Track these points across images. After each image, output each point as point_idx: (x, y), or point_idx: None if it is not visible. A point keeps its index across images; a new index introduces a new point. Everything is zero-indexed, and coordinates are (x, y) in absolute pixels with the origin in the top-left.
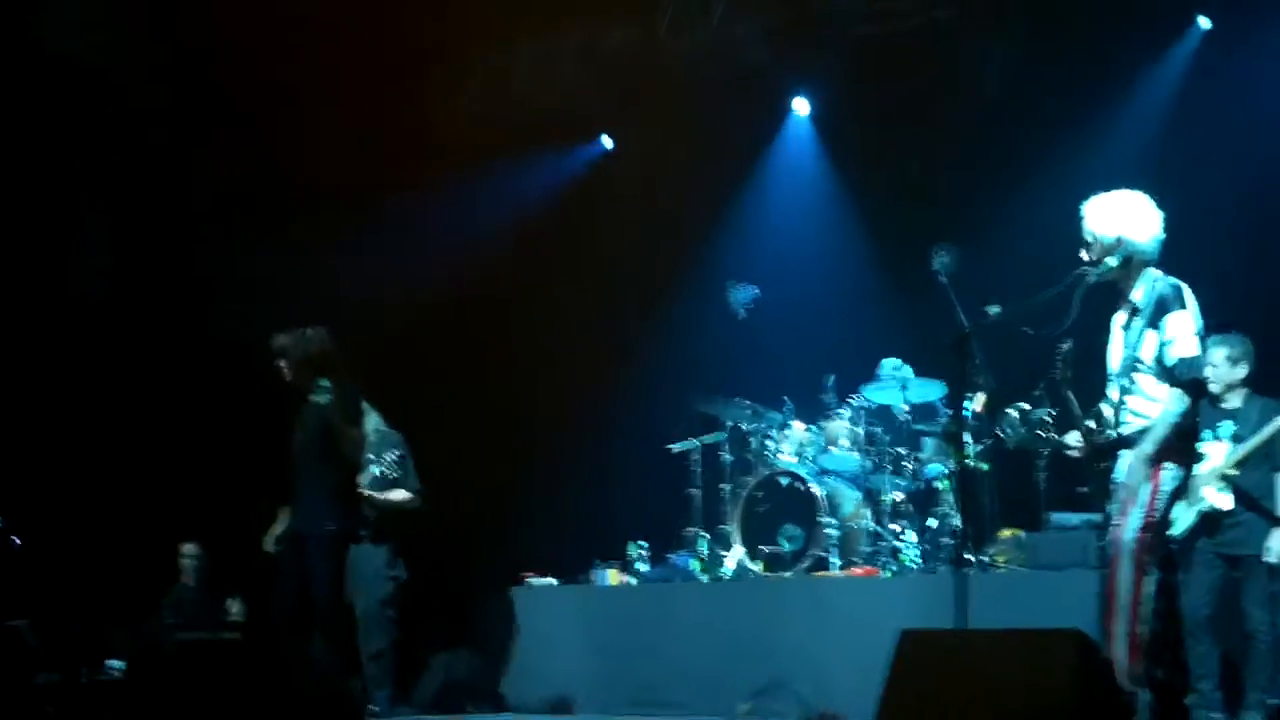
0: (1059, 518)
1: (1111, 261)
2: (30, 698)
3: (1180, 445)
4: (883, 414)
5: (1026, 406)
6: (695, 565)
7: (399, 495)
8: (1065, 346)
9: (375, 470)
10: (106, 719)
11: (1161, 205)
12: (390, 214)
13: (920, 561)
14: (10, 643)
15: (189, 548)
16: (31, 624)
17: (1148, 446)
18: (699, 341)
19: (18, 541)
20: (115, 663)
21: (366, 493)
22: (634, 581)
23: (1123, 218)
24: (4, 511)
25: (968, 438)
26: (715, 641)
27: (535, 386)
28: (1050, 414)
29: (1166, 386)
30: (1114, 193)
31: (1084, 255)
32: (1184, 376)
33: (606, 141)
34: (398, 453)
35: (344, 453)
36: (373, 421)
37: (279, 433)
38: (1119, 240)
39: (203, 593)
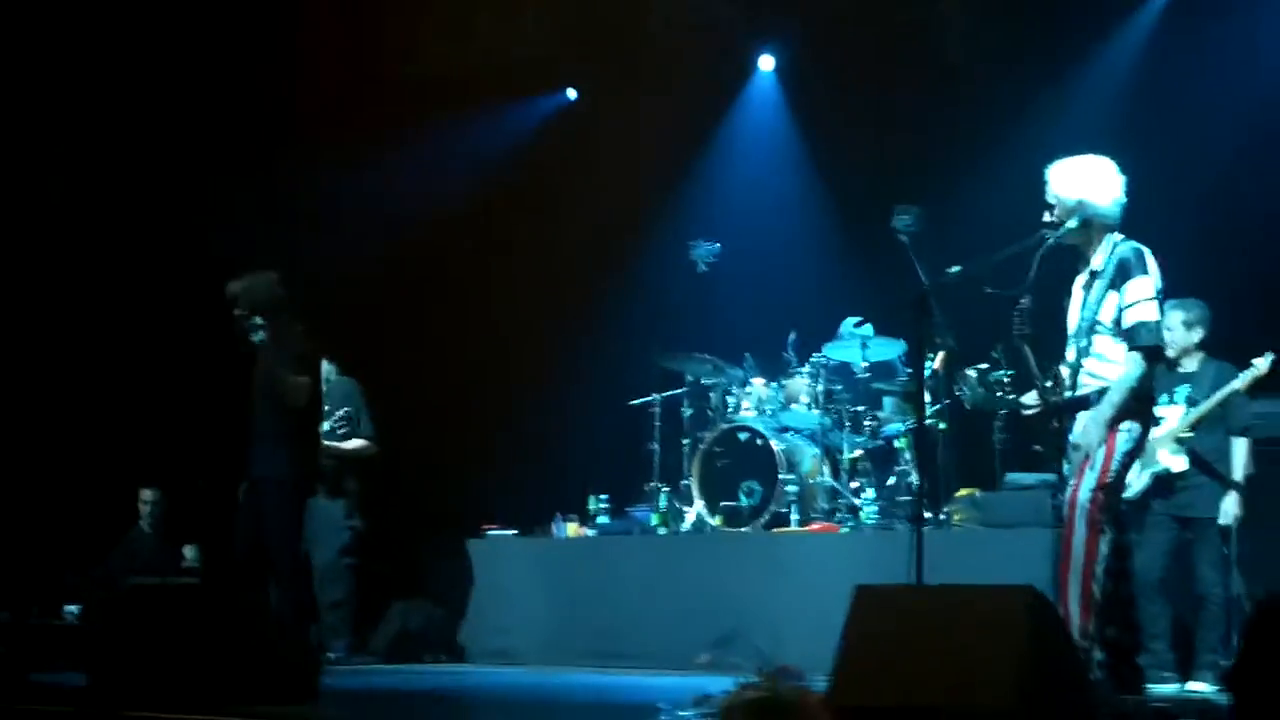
0: (1014, 477)
1: (1072, 224)
2: None
3: (1137, 408)
4: (842, 372)
5: (985, 366)
6: (655, 519)
7: (353, 444)
8: (1024, 302)
9: (325, 425)
10: (59, 660)
11: (1124, 170)
12: (353, 164)
13: (878, 518)
14: None
15: (147, 493)
16: None
17: (1105, 409)
18: (661, 296)
19: None
20: (71, 607)
21: (324, 442)
22: (593, 534)
23: (1085, 181)
24: None
25: (926, 397)
26: (673, 595)
27: (497, 339)
28: (1008, 375)
29: (1124, 349)
30: (1077, 157)
31: (1046, 217)
32: (1143, 341)
33: (571, 93)
34: (346, 409)
35: (284, 399)
36: (324, 370)
37: (243, 378)
38: (1080, 203)
39: (159, 539)
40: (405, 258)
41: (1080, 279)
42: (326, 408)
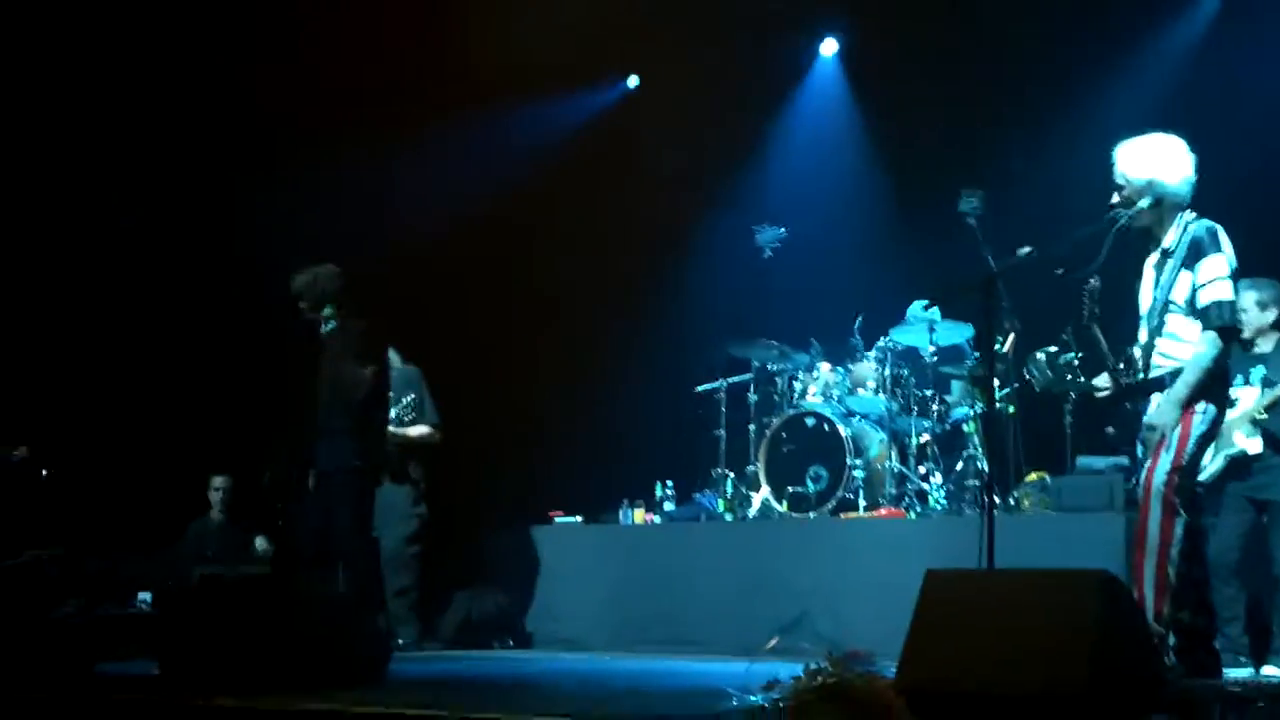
0: (1086, 461)
1: (1144, 203)
2: (49, 629)
3: (1212, 389)
4: (910, 356)
5: (1054, 349)
6: (721, 505)
7: (417, 431)
8: (1092, 283)
9: (391, 412)
10: (131, 649)
11: (1195, 148)
12: (419, 152)
13: (945, 504)
14: (33, 574)
15: (218, 480)
16: (55, 556)
17: (1180, 390)
18: (726, 282)
19: (44, 473)
20: (144, 595)
21: (390, 429)
22: (659, 521)
23: (1154, 160)
24: (31, 443)
25: (995, 380)
26: (740, 581)
27: (563, 327)
28: (1078, 357)
29: (1198, 328)
30: (1146, 135)
31: (1115, 198)
32: (1217, 321)
33: (632, 80)
34: (411, 395)
35: (349, 390)
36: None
37: (308, 369)
38: (1150, 182)
39: (229, 526)
40: (470, 245)
41: (1152, 259)
42: (391, 395)
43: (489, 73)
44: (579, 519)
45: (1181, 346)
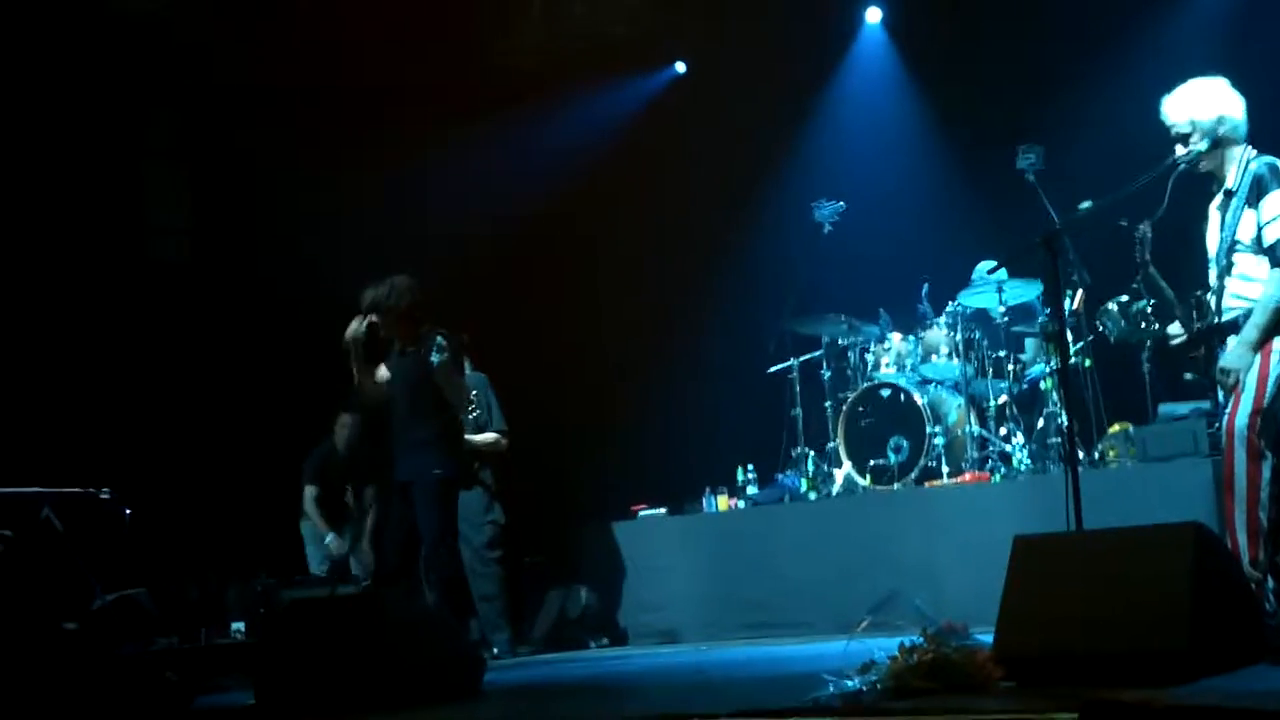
0: (1167, 408)
1: (1201, 146)
2: (150, 663)
3: None
4: (980, 318)
5: (1125, 299)
6: (804, 484)
7: (485, 437)
8: (1142, 229)
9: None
10: (230, 679)
11: (1242, 88)
12: (469, 147)
13: (1030, 463)
14: (128, 611)
15: (310, 489)
16: (149, 591)
17: (1250, 333)
18: (789, 260)
19: (128, 511)
20: (238, 625)
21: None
22: (743, 505)
23: (1203, 103)
24: (112, 482)
25: (1068, 335)
26: (828, 559)
27: (629, 321)
28: (1150, 304)
29: (1266, 266)
30: (1192, 81)
31: (1179, 150)
32: None
33: (679, 66)
34: (478, 401)
35: (450, 401)
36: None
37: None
38: (1197, 126)
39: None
40: (529, 241)
41: (1215, 201)
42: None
43: (537, 65)
44: (663, 511)
45: (1252, 286)
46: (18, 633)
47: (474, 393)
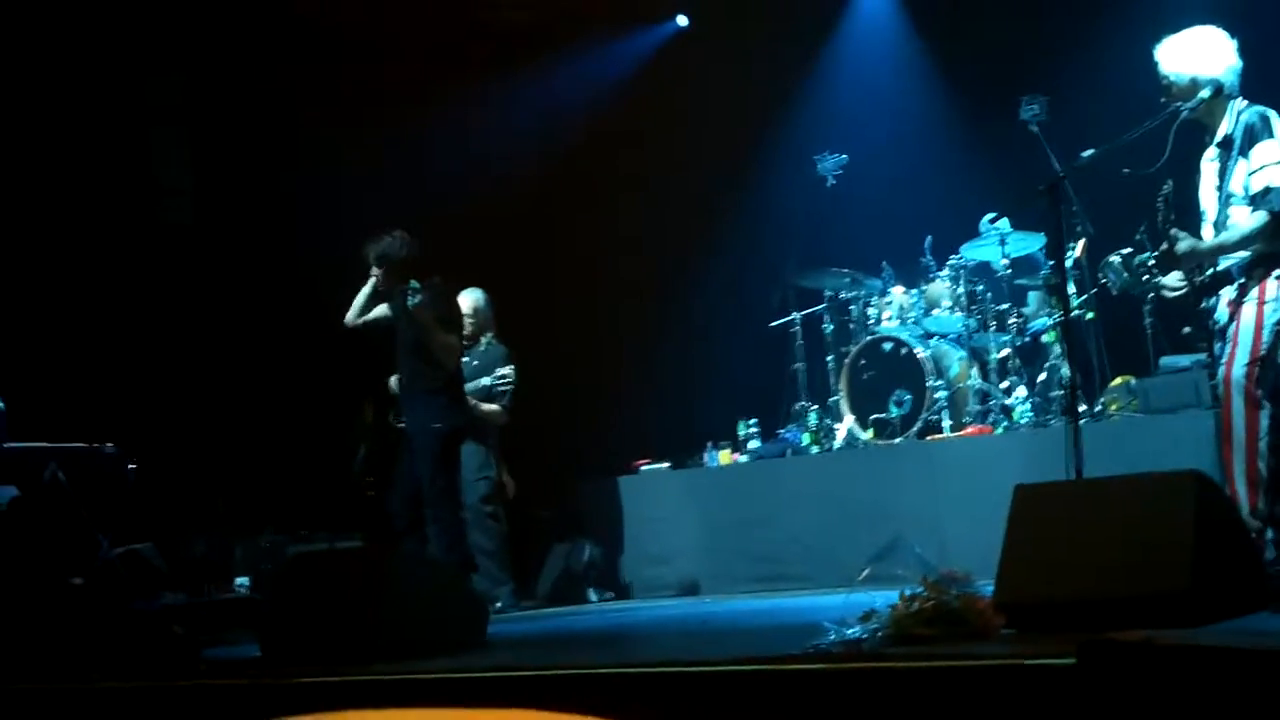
0: (1169, 360)
1: (1204, 94)
2: (157, 617)
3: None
4: (983, 271)
5: (1128, 250)
6: (806, 439)
7: (491, 408)
8: (1165, 188)
9: (485, 381)
10: (236, 634)
11: (1239, 35)
12: (466, 105)
13: (1032, 416)
14: (135, 565)
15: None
16: (155, 546)
17: (1210, 244)
18: (791, 214)
19: (132, 466)
20: (243, 580)
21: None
22: (745, 460)
23: (1197, 53)
24: (117, 438)
25: (1071, 287)
26: (831, 513)
27: (630, 276)
28: (1154, 256)
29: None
30: (1189, 30)
31: (1166, 96)
32: (1274, 205)
33: (681, 20)
34: (507, 372)
35: (435, 355)
36: (487, 335)
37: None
38: (1195, 78)
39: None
40: (529, 198)
41: (1208, 152)
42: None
43: (536, 22)
44: (666, 465)
45: None
46: (24, 587)
47: (508, 368)
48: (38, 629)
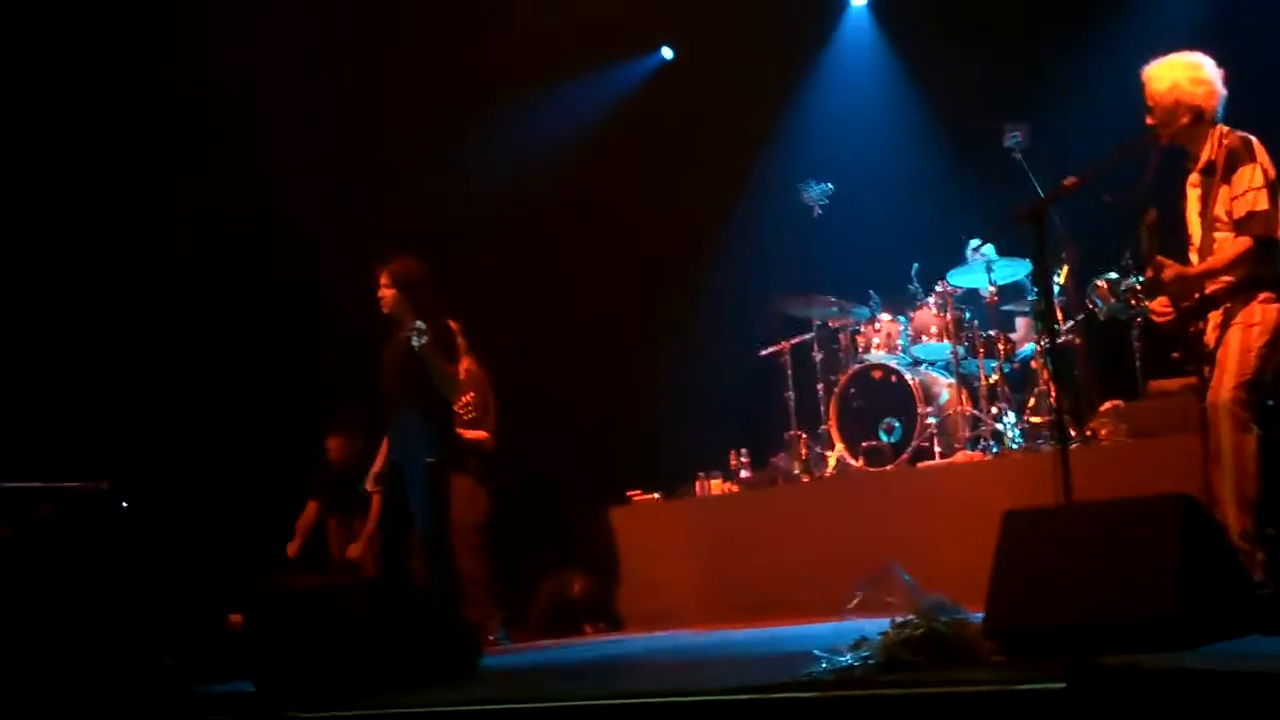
0: (1157, 385)
1: (1184, 120)
2: (150, 652)
3: (1266, 299)
4: (970, 298)
5: (1114, 276)
6: (797, 468)
7: (474, 433)
8: (1149, 217)
9: None
10: (227, 670)
11: (1235, 63)
12: (456, 136)
13: (1023, 441)
14: (125, 602)
15: None
16: (145, 581)
17: (1196, 270)
18: (778, 243)
19: (124, 504)
20: (237, 614)
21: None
22: (737, 489)
23: (1182, 79)
24: (110, 475)
25: (1058, 313)
26: (823, 541)
27: (618, 308)
28: (1139, 281)
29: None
30: (1171, 56)
31: (1150, 120)
32: (1255, 230)
33: (666, 52)
34: (474, 398)
35: (438, 389)
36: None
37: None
38: (1179, 102)
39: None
40: (517, 228)
41: (1191, 178)
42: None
43: (522, 55)
44: (657, 495)
45: None
46: (20, 625)
47: (474, 392)
48: (33, 665)
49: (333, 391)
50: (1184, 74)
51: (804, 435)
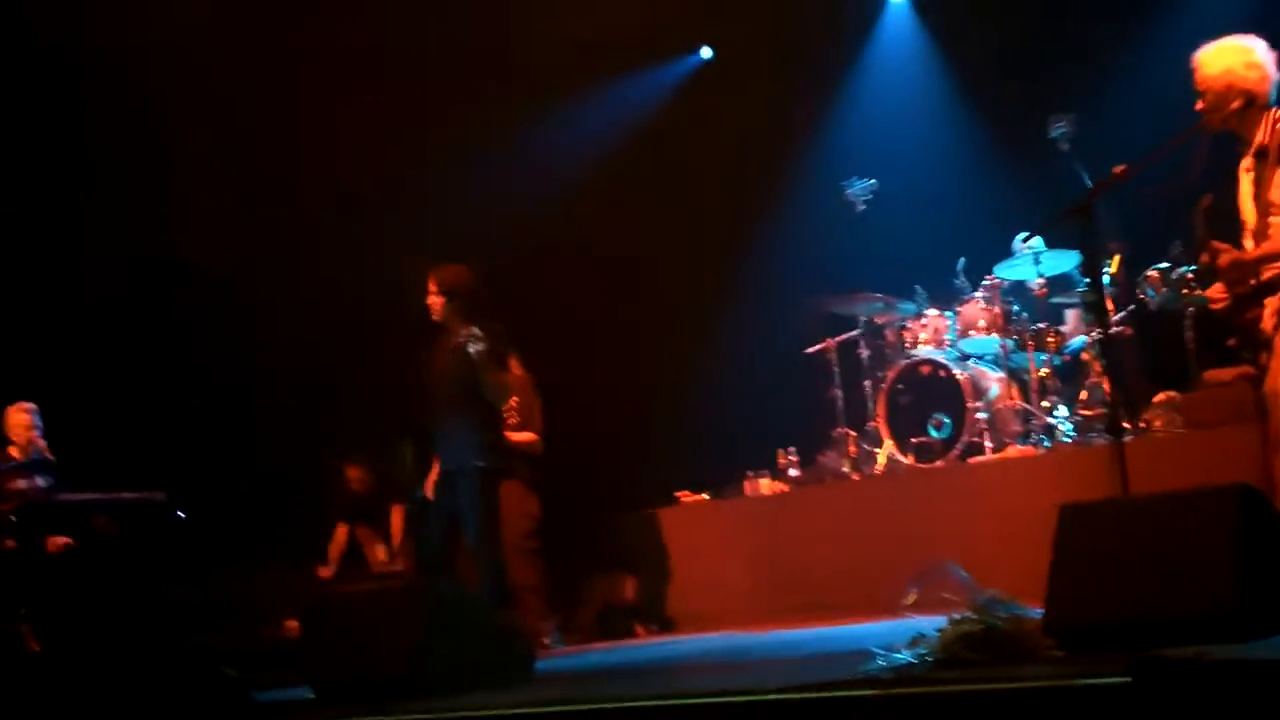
0: (1212, 374)
1: (1235, 105)
2: (210, 660)
3: None
4: (1018, 291)
5: (1165, 265)
6: (846, 465)
7: (522, 436)
8: (1203, 203)
9: None
10: (286, 677)
11: (1276, 47)
12: (497, 140)
13: (1075, 434)
14: (180, 610)
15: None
16: (202, 589)
17: (1250, 257)
18: (824, 241)
19: (181, 515)
20: (296, 621)
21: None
22: (786, 488)
23: (1235, 62)
24: (166, 486)
25: (1108, 304)
26: (874, 539)
27: (663, 305)
28: (1191, 270)
29: None
30: (1224, 39)
31: (1200, 105)
32: None
33: (705, 52)
34: (521, 401)
35: (488, 398)
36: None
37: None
38: (1231, 86)
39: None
40: (561, 231)
41: (1245, 163)
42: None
43: (565, 55)
44: (707, 496)
45: None
46: (82, 634)
47: (517, 395)
48: (94, 672)
49: (348, 418)
50: (1237, 58)
51: (852, 433)
